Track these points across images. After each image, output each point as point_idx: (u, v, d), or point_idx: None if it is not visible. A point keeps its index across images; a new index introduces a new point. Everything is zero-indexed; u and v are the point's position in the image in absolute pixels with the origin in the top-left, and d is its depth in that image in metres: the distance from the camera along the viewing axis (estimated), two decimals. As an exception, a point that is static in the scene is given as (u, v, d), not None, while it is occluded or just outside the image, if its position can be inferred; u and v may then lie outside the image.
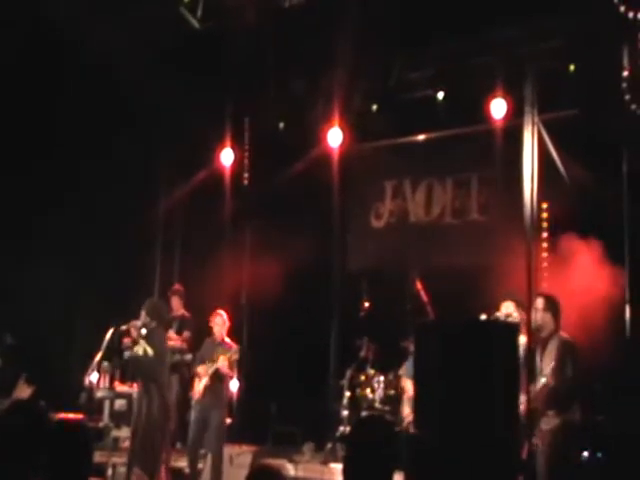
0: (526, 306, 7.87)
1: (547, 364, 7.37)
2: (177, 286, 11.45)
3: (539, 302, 7.68)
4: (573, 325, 8.17)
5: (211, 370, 9.57)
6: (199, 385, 9.66)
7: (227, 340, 9.85)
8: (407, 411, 9.49)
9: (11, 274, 11.09)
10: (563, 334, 7.57)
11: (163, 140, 12.52)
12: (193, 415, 9.69)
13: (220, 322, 9.88)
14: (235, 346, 9.75)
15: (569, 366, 7.31)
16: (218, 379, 9.60)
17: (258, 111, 12.09)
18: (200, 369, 9.72)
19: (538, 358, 7.51)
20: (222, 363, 9.53)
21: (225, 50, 10.91)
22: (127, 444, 9.51)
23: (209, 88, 11.46)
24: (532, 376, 7.32)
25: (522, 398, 6.83)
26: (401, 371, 10.08)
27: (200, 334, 10.34)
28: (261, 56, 10.70)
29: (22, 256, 11.30)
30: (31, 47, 10.59)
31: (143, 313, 9.10)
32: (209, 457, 9.57)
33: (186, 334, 10.83)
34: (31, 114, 11.07)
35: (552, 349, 7.43)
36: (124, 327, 9.22)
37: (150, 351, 8.86)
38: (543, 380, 7.32)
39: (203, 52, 10.95)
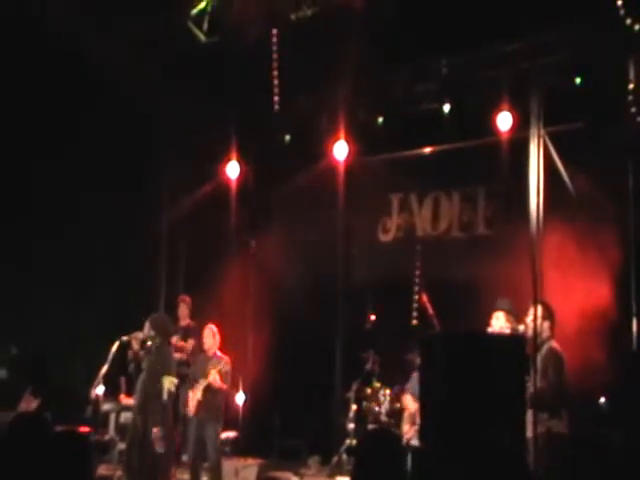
0: (533, 318, 7.89)
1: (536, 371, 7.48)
2: (185, 295, 11.50)
3: (539, 310, 7.75)
4: (577, 339, 8.20)
5: (203, 385, 9.54)
6: (193, 401, 9.61)
7: (218, 353, 9.82)
8: (406, 428, 9.48)
9: (16, 286, 11.10)
10: (552, 343, 7.64)
11: (168, 153, 12.53)
12: (190, 431, 9.67)
13: (210, 335, 9.84)
14: (226, 358, 9.73)
15: (551, 372, 7.41)
16: (211, 393, 9.56)
17: (264, 124, 12.10)
18: (194, 385, 9.67)
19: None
20: (213, 377, 9.51)
21: (231, 63, 10.94)
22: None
23: (215, 100, 11.48)
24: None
25: None
26: (407, 385, 10.07)
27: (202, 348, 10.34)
28: (267, 69, 10.72)
29: (27, 269, 11.32)
30: (34, 62, 10.62)
31: (147, 325, 9.11)
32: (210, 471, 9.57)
33: (191, 342, 10.85)
34: (33, 130, 11.10)
35: (539, 357, 7.53)
36: (125, 338, 9.24)
37: (175, 379, 8.93)
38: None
39: (209, 65, 10.98)
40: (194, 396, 9.59)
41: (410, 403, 9.58)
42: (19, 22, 10.31)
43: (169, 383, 8.86)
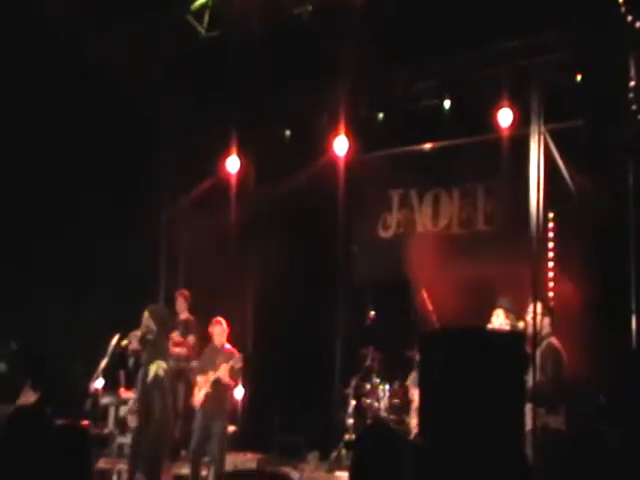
0: (533, 315, 7.92)
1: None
2: (183, 289, 11.50)
3: (539, 307, 7.82)
4: (576, 336, 8.22)
5: (212, 378, 9.55)
6: (199, 393, 9.63)
7: (227, 346, 9.83)
8: (415, 422, 9.48)
9: (16, 286, 11.11)
10: (552, 339, 7.69)
11: (168, 152, 12.53)
12: (196, 423, 9.68)
13: (220, 331, 9.85)
14: (237, 353, 9.72)
15: (550, 367, 7.48)
16: (219, 387, 9.57)
17: (264, 119, 12.09)
18: (200, 377, 9.69)
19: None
20: (222, 372, 9.51)
21: (231, 58, 10.93)
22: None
23: (215, 96, 11.47)
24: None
25: None
26: (408, 381, 10.07)
27: (204, 342, 10.34)
28: (267, 64, 10.71)
29: (27, 269, 11.33)
30: (31, 60, 10.61)
31: (146, 315, 9.13)
32: (212, 465, 9.56)
33: (190, 338, 10.84)
34: (33, 130, 11.10)
35: (539, 352, 7.57)
36: (125, 342, 9.31)
37: (165, 365, 8.96)
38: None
39: (209, 60, 10.97)
40: (202, 388, 9.59)
41: (417, 397, 9.57)
42: (19, 22, 10.30)
43: (156, 367, 8.89)
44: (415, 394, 9.59)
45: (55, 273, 11.38)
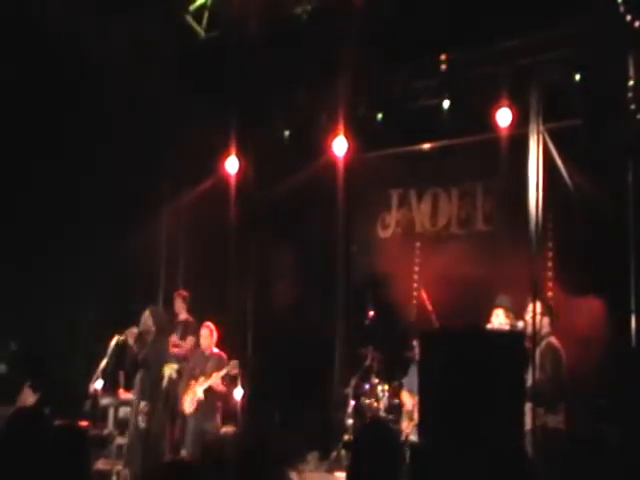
0: (532, 315, 7.92)
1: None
2: (182, 290, 11.50)
3: (538, 306, 7.84)
4: (578, 334, 8.22)
5: (204, 386, 9.54)
6: (191, 399, 9.61)
7: (216, 351, 9.82)
8: (405, 424, 9.49)
9: (15, 281, 11.12)
10: (551, 338, 7.70)
11: (168, 151, 12.52)
12: (188, 429, 9.69)
13: (207, 334, 9.86)
14: (226, 358, 9.72)
15: (549, 367, 7.51)
16: (212, 394, 9.59)
17: (264, 119, 12.08)
18: (192, 383, 9.68)
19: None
20: (215, 380, 9.52)
21: (231, 58, 10.92)
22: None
23: (215, 96, 11.47)
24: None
25: None
26: (404, 380, 10.08)
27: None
28: (267, 64, 10.70)
29: (27, 264, 11.33)
30: (31, 60, 10.61)
31: (147, 314, 9.13)
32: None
33: (190, 339, 10.85)
34: (34, 130, 11.10)
35: (538, 351, 7.59)
36: (122, 337, 9.31)
37: (176, 366, 9.00)
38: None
39: (209, 60, 10.97)
40: (193, 394, 9.57)
41: (407, 399, 9.60)
42: (19, 22, 10.30)
43: (170, 369, 8.92)
44: (405, 397, 9.61)
45: (55, 273, 11.38)
